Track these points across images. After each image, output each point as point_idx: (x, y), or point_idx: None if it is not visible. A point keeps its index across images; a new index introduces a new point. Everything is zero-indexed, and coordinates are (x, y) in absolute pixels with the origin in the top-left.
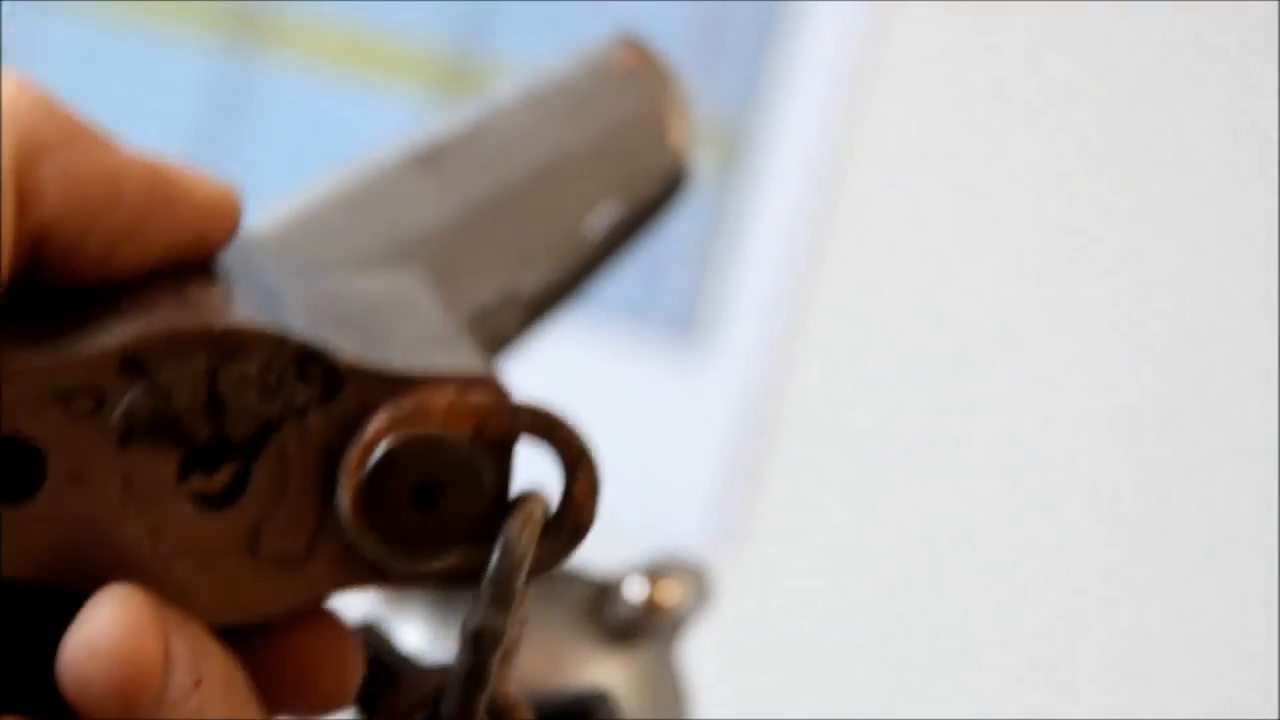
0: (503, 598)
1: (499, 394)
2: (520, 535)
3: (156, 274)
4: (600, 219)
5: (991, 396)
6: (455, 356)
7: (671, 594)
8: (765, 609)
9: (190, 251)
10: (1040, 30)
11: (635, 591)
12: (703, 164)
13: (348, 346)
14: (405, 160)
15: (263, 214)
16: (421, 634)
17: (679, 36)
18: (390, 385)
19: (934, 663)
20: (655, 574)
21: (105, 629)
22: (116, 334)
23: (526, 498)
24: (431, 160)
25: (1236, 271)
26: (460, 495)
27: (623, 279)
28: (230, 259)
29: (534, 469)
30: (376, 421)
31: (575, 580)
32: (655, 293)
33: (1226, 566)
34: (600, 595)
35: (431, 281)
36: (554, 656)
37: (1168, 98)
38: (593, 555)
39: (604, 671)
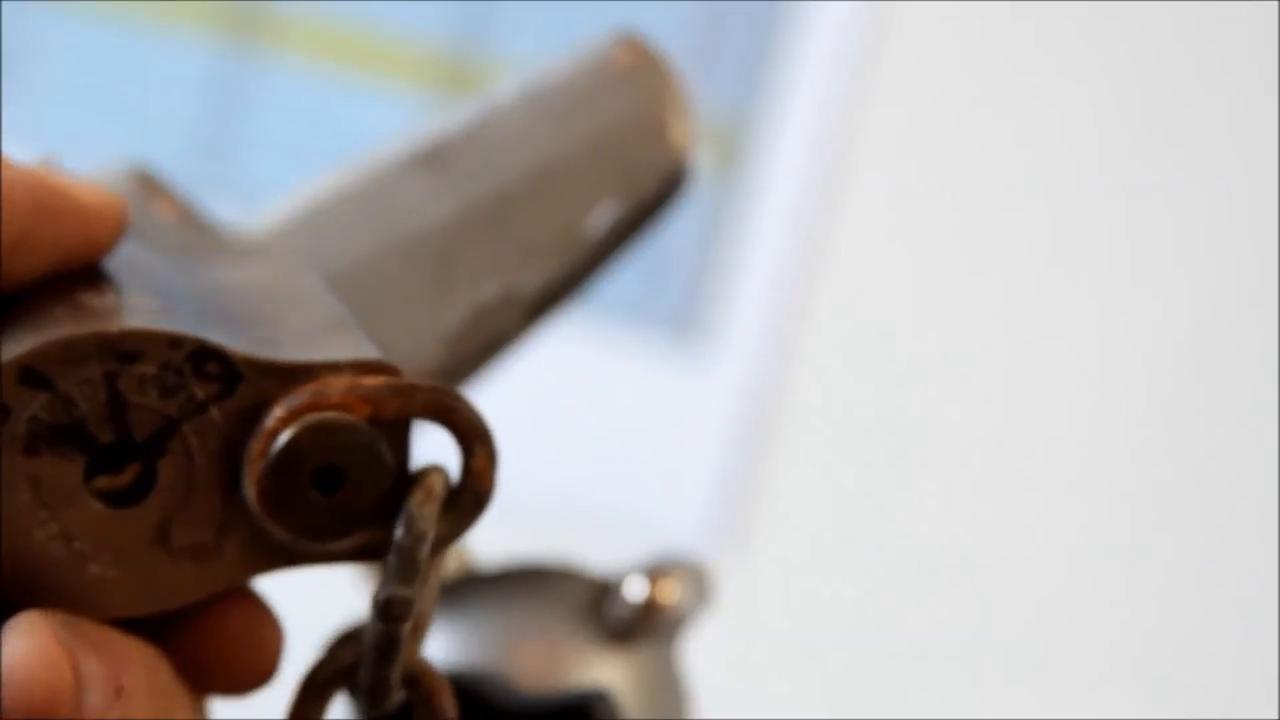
0: (408, 568)
1: (392, 377)
2: (422, 508)
3: (49, 282)
4: (600, 218)
5: (991, 396)
6: (346, 344)
7: (671, 593)
8: (765, 609)
9: (79, 258)
10: (1041, 30)
11: (635, 591)
12: (703, 164)
13: (240, 341)
14: (406, 159)
15: (263, 213)
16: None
17: (679, 36)
18: (286, 376)
19: (934, 662)
20: (655, 573)
21: (13, 662)
22: (13, 348)
23: (427, 472)
24: (432, 159)
25: (1237, 273)
26: (362, 477)
27: (623, 279)
28: (118, 260)
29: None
30: (276, 412)
31: (575, 580)
32: (655, 293)
33: (1227, 565)
34: (600, 595)
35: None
36: (554, 656)
37: (1170, 97)
38: (593, 555)
39: (604, 671)
